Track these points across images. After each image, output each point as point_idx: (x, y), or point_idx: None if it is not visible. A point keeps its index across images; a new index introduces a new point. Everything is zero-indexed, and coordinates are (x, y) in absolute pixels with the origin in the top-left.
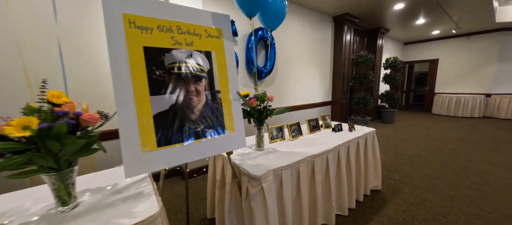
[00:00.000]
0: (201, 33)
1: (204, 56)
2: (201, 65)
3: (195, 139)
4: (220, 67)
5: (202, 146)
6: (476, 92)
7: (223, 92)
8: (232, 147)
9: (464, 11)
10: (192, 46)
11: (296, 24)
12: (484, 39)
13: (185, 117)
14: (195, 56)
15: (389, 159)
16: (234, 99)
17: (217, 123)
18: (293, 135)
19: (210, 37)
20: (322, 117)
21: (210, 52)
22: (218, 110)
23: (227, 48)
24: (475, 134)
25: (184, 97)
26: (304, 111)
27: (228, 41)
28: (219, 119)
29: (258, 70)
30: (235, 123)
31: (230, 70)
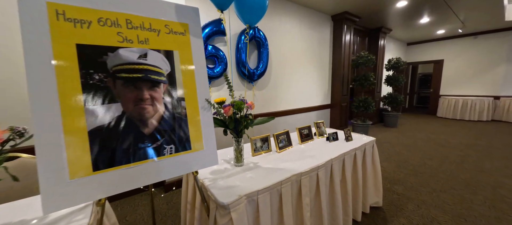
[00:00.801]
0: (160, 28)
1: (164, 56)
2: (159, 68)
3: (149, 158)
4: (186, 69)
5: (157, 166)
6: (484, 94)
7: (189, 99)
8: (200, 165)
9: (471, 9)
10: (147, 44)
11: (292, 23)
12: (492, 39)
13: (136, 131)
14: (151, 56)
15: (391, 169)
16: (203, 108)
17: (180, 137)
18: (280, 146)
19: (173, 33)
20: (316, 124)
21: (171, 52)
22: (181, 121)
23: (195, 47)
24: (484, 139)
25: (134, 107)
26: (301, 115)
27: (197, 39)
28: (182, 132)
29: (249, 72)
30: (204, 136)
31: (199, 73)
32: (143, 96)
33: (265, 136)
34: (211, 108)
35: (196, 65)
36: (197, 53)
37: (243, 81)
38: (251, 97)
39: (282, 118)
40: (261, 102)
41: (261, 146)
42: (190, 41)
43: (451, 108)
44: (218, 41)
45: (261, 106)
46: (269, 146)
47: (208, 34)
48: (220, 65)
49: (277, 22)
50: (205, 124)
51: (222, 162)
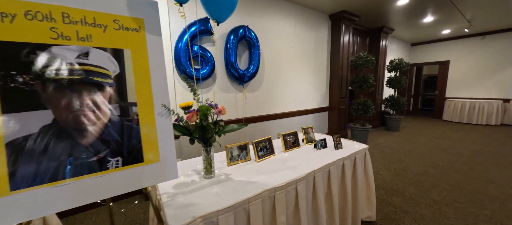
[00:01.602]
0: (107, 24)
1: (112, 55)
2: (104, 68)
3: (88, 173)
4: (139, 71)
5: (99, 182)
6: (493, 97)
7: (142, 105)
8: (155, 179)
9: (479, 8)
10: (90, 42)
11: (286, 22)
12: (501, 39)
13: (71, 143)
14: (94, 55)
15: (389, 177)
16: (160, 115)
17: (130, 148)
18: (260, 155)
19: (124, 30)
20: (304, 130)
21: (121, 51)
22: (132, 130)
23: (153, 46)
24: (493, 145)
25: (69, 115)
26: (297, 119)
27: (154, 36)
28: (133, 142)
29: (239, 73)
30: (160, 147)
31: (156, 75)
32: (82, 102)
33: (243, 143)
34: (170, 114)
35: (152, 66)
36: (154, 53)
37: (233, 83)
38: (241, 100)
39: (277, 121)
40: (253, 105)
41: (238, 154)
42: (146, 39)
43: (457, 111)
44: (206, 41)
45: (253, 109)
46: (248, 154)
47: (194, 34)
48: (207, 66)
49: (270, 21)
50: (162, 132)
51: (191, 173)
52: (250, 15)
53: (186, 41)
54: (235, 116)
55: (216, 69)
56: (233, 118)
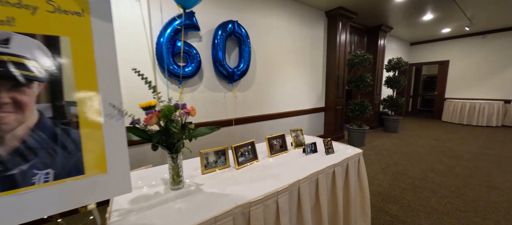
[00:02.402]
0: (37, 5)
1: (43, 43)
2: (30, 59)
3: (2, 190)
4: (81, 63)
5: (19, 201)
6: (493, 98)
7: (84, 104)
8: (99, 195)
9: (480, 5)
10: (12, 26)
11: (279, 19)
12: (502, 38)
13: None
14: (16, 42)
15: (386, 182)
16: (109, 116)
17: (64, 158)
18: (240, 161)
19: (60, 13)
20: (292, 133)
21: (57, 38)
22: (68, 135)
23: (100, 34)
24: (494, 148)
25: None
26: (291, 119)
27: (103, 22)
28: (69, 150)
29: (228, 71)
30: (108, 155)
31: (104, 69)
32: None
33: (222, 148)
34: (122, 116)
35: (99, 58)
36: (103, 42)
37: (221, 82)
38: (231, 99)
39: (269, 122)
40: (243, 105)
41: (215, 160)
42: (90, 25)
43: (457, 112)
44: (191, 37)
45: (244, 109)
46: (227, 161)
47: (178, 29)
48: (193, 64)
49: (261, 17)
50: (111, 137)
51: (157, 182)
52: (240, 10)
53: (169, 36)
54: (224, 116)
55: (203, 67)
56: (222, 119)
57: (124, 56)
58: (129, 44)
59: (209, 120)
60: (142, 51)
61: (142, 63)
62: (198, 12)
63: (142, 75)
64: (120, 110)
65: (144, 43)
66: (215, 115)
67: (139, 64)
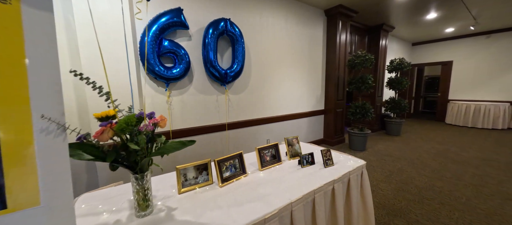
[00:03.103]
0: None
1: None
2: None
3: None
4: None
5: None
6: (499, 99)
7: (7, 117)
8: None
9: (486, 3)
10: None
11: (275, 17)
12: (507, 38)
13: None
14: None
15: (391, 192)
16: (44, 132)
17: None
18: (225, 177)
19: None
20: (287, 142)
21: None
22: None
23: (34, 27)
24: (504, 153)
25: None
26: (289, 123)
27: (38, 12)
28: None
29: (220, 73)
30: (42, 182)
31: (36, 72)
32: None
33: (203, 162)
34: (65, 131)
35: (33, 57)
36: (38, 37)
37: (213, 84)
38: (224, 102)
39: (266, 126)
40: (237, 108)
41: (195, 177)
42: (21, 16)
43: (461, 114)
44: (180, 36)
45: (238, 113)
46: (210, 176)
47: (164, 26)
48: (181, 65)
49: (256, 16)
50: (47, 160)
51: (122, 206)
52: (233, 7)
53: (154, 35)
54: (217, 121)
55: (193, 68)
56: (214, 123)
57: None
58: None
59: (200, 125)
60: (123, 50)
61: (122, 64)
62: (186, 9)
63: (84, 77)
64: (59, 124)
65: (127, 41)
66: (207, 119)
67: (119, 64)
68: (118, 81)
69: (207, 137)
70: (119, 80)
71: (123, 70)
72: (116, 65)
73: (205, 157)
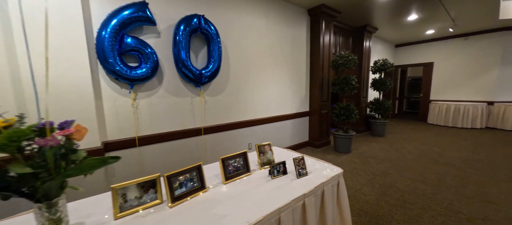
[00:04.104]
0: None
1: None
2: None
3: None
4: None
5: None
6: (477, 99)
7: None
8: None
9: (463, 5)
10: None
11: (255, 15)
12: (484, 40)
13: None
14: None
15: (374, 197)
16: None
17: None
18: (177, 195)
19: None
20: (258, 149)
21: None
22: None
23: None
24: (482, 153)
25: None
26: (273, 126)
27: None
28: None
29: (194, 73)
30: None
31: None
32: None
33: (149, 178)
34: None
35: None
36: None
37: (187, 85)
38: (199, 105)
39: (247, 130)
40: (215, 111)
41: (139, 196)
42: None
43: (442, 114)
44: (147, 32)
45: (216, 116)
46: (159, 195)
47: (125, 21)
48: (148, 64)
49: (235, 13)
50: None
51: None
52: (207, 3)
53: (114, 30)
54: (192, 125)
55: (163, 68)
56: (189, 127)
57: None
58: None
59: (173, 129)
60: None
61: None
62: (154, 3)
63: None
64: None
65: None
66: (180, 123)
67: (72, 63)
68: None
69: (181, 142)
70: (67, 81)
71: (79, 70)
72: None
73: (178, 165)
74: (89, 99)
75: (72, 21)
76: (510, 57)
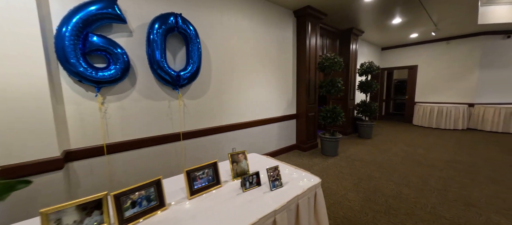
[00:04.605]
0: None
1: None
2: None
3: None
4: None
5: None
6: (458, 101)
7: None
8: None
9: (444, 10)
10: None
11: (240, 16)
12: (465, 44)
13: None
14: None
15: (358, 203)
16: None
17: None
18: (129, 216)
19: None
20: (231, 158)
21: None
22: None
23: None
24: (464, 154)
25: None
26: (258, 130)
27: None
28: None
29: (171, 75)
30: None
31: None
32: None
33: (94, 198)
34: None
35: None
36: None
37: (163, 87)
38: (177, 108)
39: (231, 134)
40: (196, 115)
41: (79, 221)
42: None
43: (426, 116)
44: (117, 31)
45: (196, 120)
46: (105, 216)
47: (89, 18)
48: (117, 65)
49: (217, 14)
50: None
51: None
52: (187, 1)
53: (76, 28)
54: (170, 130)
55: (136, 69)
56: (167, 133)
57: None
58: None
59: (149, 135)
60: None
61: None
62: (124, 1)
63: None
64: None
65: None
66: (157, 128)
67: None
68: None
69: (157, 149)
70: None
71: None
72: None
73: (153, 174)
74: (46, 104)
75: (24, 17)
76: (487, 61)
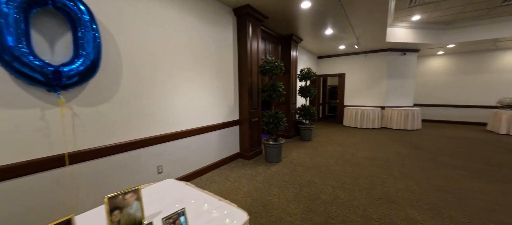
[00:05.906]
0: None
1: None
2: None
3: None
4: None
5: None
6: (374, 105)
7: None
8: None
9: (362, 27)
10: None
11: (166, 6)
12: (377, 57)
13: None
14: None
15: (299, 214)
16: None
17: None
18: None
19: None
20: (109, 203)
21: None
22: None
23: None
24: (381, 151)
25: None
26: (195, 140)
27: None
28: None
29: (43, 72)
30: None
31: None
32: None
33: None
34: None
35: None
36: None
37: (30, 90)
38: (58, 119)
39: (156, 148)
40: (96, 127)
41: None
42: None
43: (353, 117)
44: None
45: (95, 134)
46: None
47: None
48: None
49: (138, 2)
50: None
51: None
52: None
53: None
54: (46, 152)
55: None
56: (40, 156)
57: None
58: None
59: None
60: None
61: None
62: None
63: None
64: None
65: None
66: (16, 153)
67: None
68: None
69: (19, 183)
70: None
71: None
72: None
73: None
74: None
75: None
76: (391, 72)
